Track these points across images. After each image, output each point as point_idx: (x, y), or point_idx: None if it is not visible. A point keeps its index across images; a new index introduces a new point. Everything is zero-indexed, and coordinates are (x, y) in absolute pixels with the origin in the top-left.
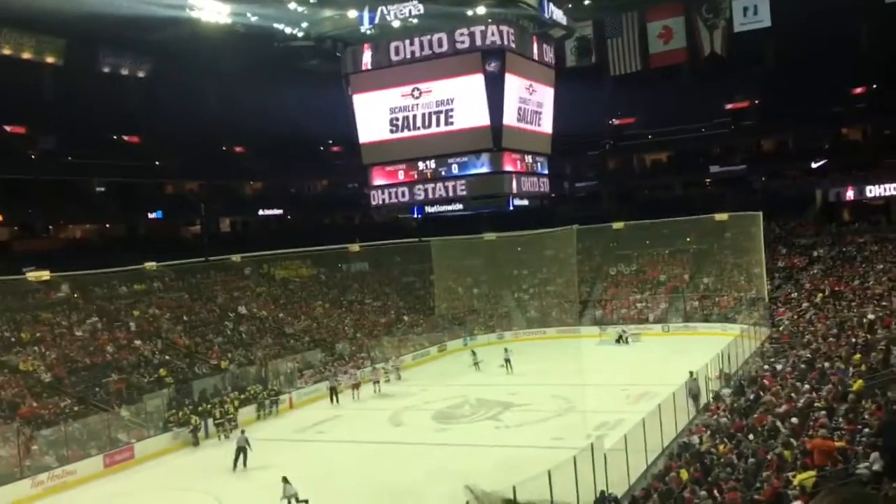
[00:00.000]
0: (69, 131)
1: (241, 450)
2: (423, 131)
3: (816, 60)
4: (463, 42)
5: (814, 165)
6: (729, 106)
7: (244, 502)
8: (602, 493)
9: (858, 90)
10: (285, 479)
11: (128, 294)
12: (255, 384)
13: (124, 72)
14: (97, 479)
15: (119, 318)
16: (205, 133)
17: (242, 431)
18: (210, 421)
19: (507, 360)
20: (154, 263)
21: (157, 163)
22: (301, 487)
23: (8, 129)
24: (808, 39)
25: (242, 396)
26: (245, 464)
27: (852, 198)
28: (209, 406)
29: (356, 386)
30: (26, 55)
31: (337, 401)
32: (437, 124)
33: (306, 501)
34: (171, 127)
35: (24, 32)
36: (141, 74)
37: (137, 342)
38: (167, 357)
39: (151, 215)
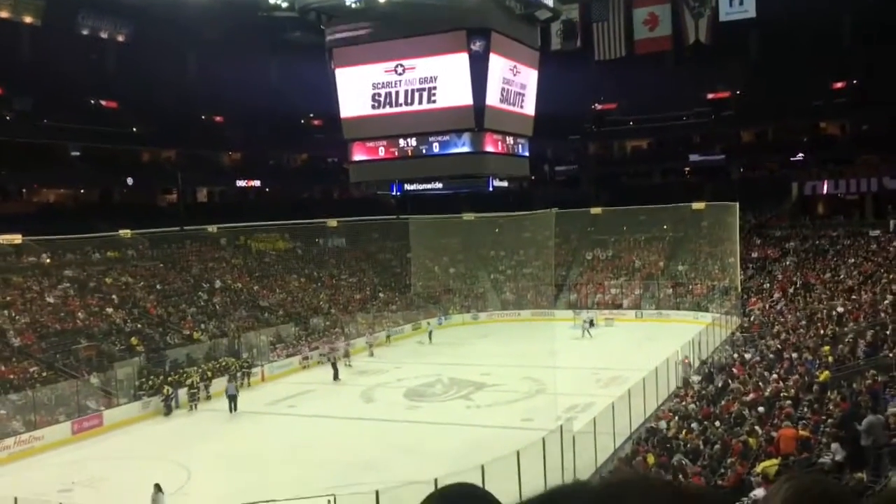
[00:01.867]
0: (46, 93)
1: (233, 397)
2: (405, 108)
3: (799, 54)
4: (448, 20)
5: (791, 159)
6: (710, 95)
7: (212, 472)
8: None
9: (839, 85)
10: (157, 487)
11: (101, 261)
12: (227, 356)
13: (103, 35)
14: (65, 446)
15: (91, 284)
16: (184, 101)
17: (230, 380)
18: (182, 391)
19: (429, 333)
20: (129, 231)
21: (134, 129)
22: (267, 460)
23: None
24: (792, 32)
25: (215, 367)
26: (235, 408)
27: (827, 192)
28: (180, 376)
29: (346, 355)
30: (4, 14)
31: (338, 377)
32: (420, 102)
33: None
34: (149, 93)
35: None
36: (120, 38)
37: (109, 310)
38: (139, 326)
39: (128, 182)
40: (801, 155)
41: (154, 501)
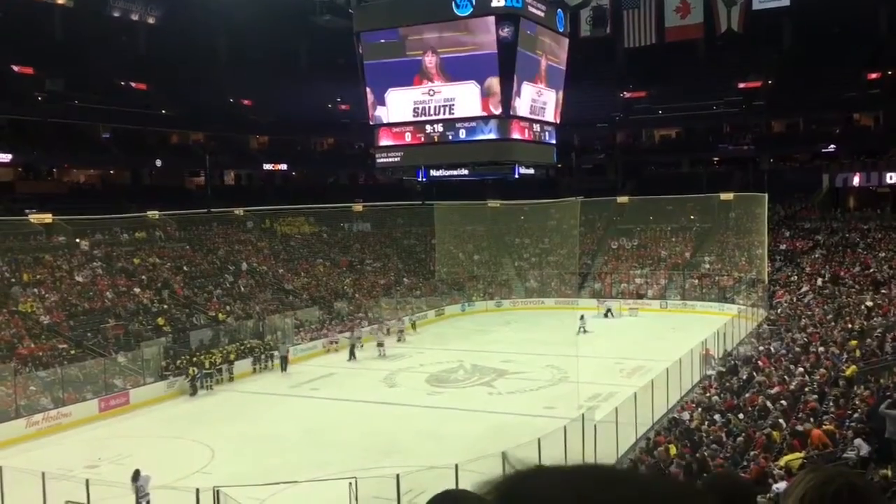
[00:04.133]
0: (77, 74)
1: (284, 358)
2: None
3: (833, 43)
4: (477, 6)
5: (823, 150)
6: (742, 85)
7: (235, 452)
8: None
9: (873, 76)
10: (137, 474)
11: (129, 241)
12: (251, 338)
13: (134, 17)
14: (92, 423)
15: (119, 264)
16: (212, 84)
17: (283, 343)
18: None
19: (403, 331)
20: (157, 212)
21: (163, 111)
22: (290, 442)
23: (16, 68)
24: (826, 22)
25: (238, 349)
26: (285, 368)
27: (859, 184)
28: (202, 356)
29: (380, 344)
30: None
31: (355, 358)
32: None
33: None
34: (178, 76)
35: None
36: (151, 21)
37: (137, 290)
38: (166, 306)
39: (156, 164)
40: (832, 146)
41: (137, 491)
